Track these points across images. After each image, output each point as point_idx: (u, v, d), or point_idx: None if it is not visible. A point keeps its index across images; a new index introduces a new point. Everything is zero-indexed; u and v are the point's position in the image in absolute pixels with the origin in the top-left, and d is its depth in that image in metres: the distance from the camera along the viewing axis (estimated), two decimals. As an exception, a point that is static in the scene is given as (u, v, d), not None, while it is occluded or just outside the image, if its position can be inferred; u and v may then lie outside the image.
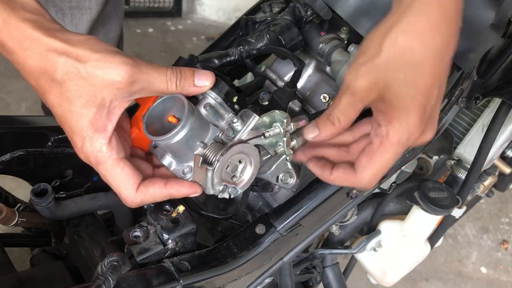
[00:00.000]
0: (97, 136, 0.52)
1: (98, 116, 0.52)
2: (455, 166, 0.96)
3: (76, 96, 0.51)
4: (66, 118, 0.52)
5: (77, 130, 0.52)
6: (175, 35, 2.74)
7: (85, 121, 0.51)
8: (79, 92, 0.50)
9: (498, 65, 0.80)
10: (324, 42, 0.75)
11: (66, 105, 0.51)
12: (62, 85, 0.51)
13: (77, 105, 0.51)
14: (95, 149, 0.53)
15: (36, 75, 0.51)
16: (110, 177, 0.55)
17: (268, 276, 0.68)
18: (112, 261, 0.53)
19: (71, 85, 0.50)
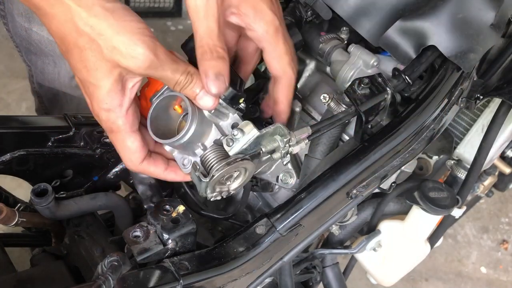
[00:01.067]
0: (114, 110, 0.54)
1: (114, 90, 0.53)
2: (455, 166, 0.96)
3: (93, 67, 0.52)
4: (84, 84, 0.54)
5: (94, 99, 0.54)
6: (175, 35, 2.74)
7: (102, 94, 0.53)
8: (96, 65, 0.51)
9: (498, 65, 0.80)
10: (324, 42, 0.75)
11: (85, 73, 0.53)
12: (83, 52, 0.51)
13: (94, 76, 0.52)
14: (110, 119, 0.55)
15: (61, 34, 0.52)
16: (120, 146, 0.58)
17: (268, 276, 0.68)
18: (112, 261, 0.53)
19: (90, 55, 0.51)
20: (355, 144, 0.68)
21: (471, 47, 0.68)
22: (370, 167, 0.65)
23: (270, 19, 0.59)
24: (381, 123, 0.68)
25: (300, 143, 0.61)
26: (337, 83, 0.75)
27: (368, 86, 0.65)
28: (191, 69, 0.55)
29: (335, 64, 0.75)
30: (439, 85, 0.68)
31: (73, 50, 0.52)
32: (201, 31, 0.54)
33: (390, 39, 0.69)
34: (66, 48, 0.53)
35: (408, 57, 0.69)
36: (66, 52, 0.53)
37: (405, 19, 0.68)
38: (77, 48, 0.52)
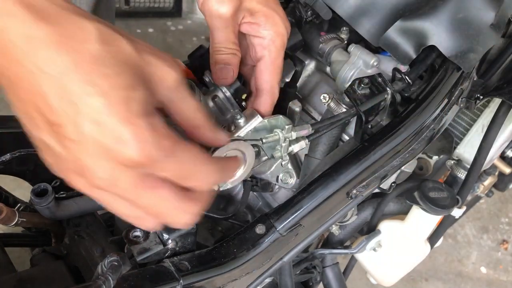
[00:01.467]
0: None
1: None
2: (455, 166, 0.96)
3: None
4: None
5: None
6: (175, 35, 2.74)
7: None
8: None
9: (498, 65, 0.80)
10: (324, 42, 0.75)
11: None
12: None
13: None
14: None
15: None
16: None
17: (268, 276, 0.68)
18: (112, 261, 0.53)
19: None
20: (355, 144, 0.68)
21: (471, 47, 0.68)
22: (370, 167, 0.65)
23: (281, 32, 0.59)
24: (381, 123, 0.68)
25: (300, 141, 0.61)
26: (337, 83, 0.75)
27: (368, 86, 0.65)
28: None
29: (335, 64, 0.75)
30: (439, 85, 0.68)
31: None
32: (218, 39, 0.58)
33: (390, 39, 0.69)
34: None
35: (408, 57, 0.69)
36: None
37: (405, 19, 0.68)
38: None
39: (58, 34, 0.35)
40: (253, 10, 0.58)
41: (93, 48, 0.36)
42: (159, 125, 0.38)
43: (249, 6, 0.58)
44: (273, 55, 0.59)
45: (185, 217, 0.43)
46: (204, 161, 0.42)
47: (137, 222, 0.43)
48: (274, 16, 0.59)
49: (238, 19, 0.59)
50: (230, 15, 0.57)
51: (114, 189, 0.38)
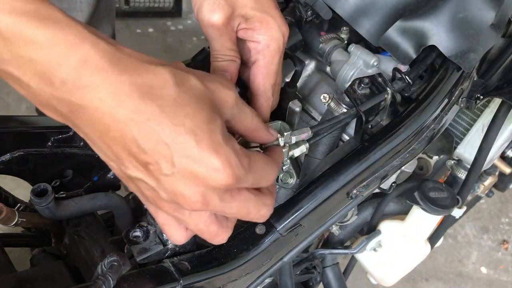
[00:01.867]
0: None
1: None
2: (455, 166, 0.96)
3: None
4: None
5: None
6: (175, 35, 2.74)
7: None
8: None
9: (498, 65, 0.80)
10: (324, 42, 0.75)
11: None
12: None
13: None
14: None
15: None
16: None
17: (268, 276, 0.68)
18: (112, 261, 0.53)
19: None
20: (355, 144, 0.68)
21: (471, 47, 0.68)
22: (370, 167, 0.65)
23: (276, 36, 0.58)
24: (381, 123, 0.68)
25: (300, 146, 0.61)
26: (337, 83, 0.75)
27: (368, 86, 0.65)
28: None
29: (335, 64, 0.75)
30: (439, 85, 0.68)
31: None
32: (214, 47, 0.58)
33: (390, 39, 0.69)
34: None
35: (408, 57, 0.69)
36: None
37: (405, 19, 0.68)
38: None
39: (140, 85, 0.40)
40: (247, 16, 0.58)
41: (172, 92, 0.41)
42: (236, 146, 0.44)
43: (243, 13, 0.58)
44: (266, 59, 0.58)
45: (266, 210, 0.50)
46: (268, 163, 0.49)
47: (217, 238, 0.50)
48: (268, 21, 0.58)
49: (233, 26, 0.58)
50: (223, 23, 0.57)
51: (206, 208, 0.44)
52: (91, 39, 0.39)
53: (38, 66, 0.38)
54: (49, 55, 0.37)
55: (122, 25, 2.61)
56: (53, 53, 0.37)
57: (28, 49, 0.37)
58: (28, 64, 0.38)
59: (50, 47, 0.37)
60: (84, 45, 0.38)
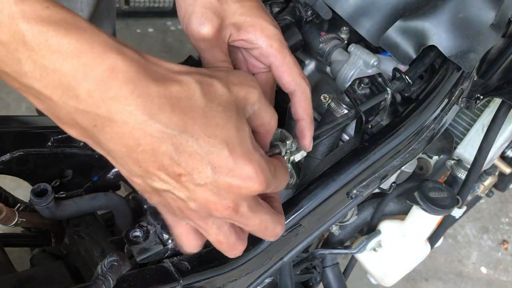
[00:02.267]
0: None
1: None
2: (455, 166, 0.96)
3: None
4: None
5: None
6: (175, 35, 2.74)
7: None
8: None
9: (498, 65, 0.80)
10: (324, 42, 0.75)
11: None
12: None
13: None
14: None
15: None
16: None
17: (268, 276, 0.68)
18: (112, 261, 0.53)
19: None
20: (355, 144, 0.68)
21: (471, 47, 0.68)
22: (370, 167, 0.65)
23: (272, 33, 0.57)
24: (381, 123, 0.68)
25: (300, 151, 0.61)
26: (337, 83, 0.75)
27: (368, 86, 0.65)
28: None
29: (335, 64, 0.75)
30: (439, 85, 0.68)
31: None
32: (206, 60, 0.57)
33: (390, 39, 0.69)
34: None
35: (408, 57, 0.69)
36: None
37: (405, 19, 0.68)
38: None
39: (168, 97, 0.39)
40: (237, 23, 0.57)
41: (200, 103, 0.41)
42: (262, 152, 0.45)
43: (233, 21, 0.57)
44: (279, 57, 0.57)
45: (280, 229, 0.51)
46: (284, 168, 0.50)
47: (234, 251, 0.51)
48: (260, 22, 0.57)
49: (224, 36, 0.57)
50: (213, 35, 0.56)
51: (235, 214, 0.44)
52: (117, 48, 0.38)
53: (62, 77, 0.37)
54: (74, 64, 0.36)
55: (122, 25, 2.61)
56: (79, 62, 0.36)
57: (53, 59, 0.36)
58: (52, 75, 0.37)
59: (76, 57, 0.36)
60: (111, 54, 0.38)
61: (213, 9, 0.55)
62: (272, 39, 0.57)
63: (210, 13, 0.55)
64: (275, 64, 0.57)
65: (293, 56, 0.58)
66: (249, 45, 0.58)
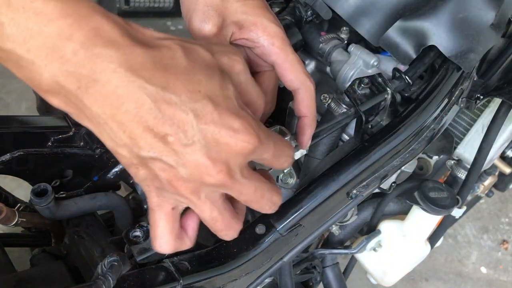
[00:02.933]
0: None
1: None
2: (455, 166, 0.96)
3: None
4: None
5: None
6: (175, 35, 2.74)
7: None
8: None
9: (498, 65, 0.80)
10: (324, 42, 0.75)
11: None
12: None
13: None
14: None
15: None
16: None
17: (268, 276, 0.68)
18: (112, 261, 0.53)
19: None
20: (355, 144, 0.68)
21: (471, 47, 0.68)
22: (370, 167, 0.65)
23: (274, 31, 0.56)
24: (381, 123, 0.68)
25: (300, 149, 0.61)
26: (337, 83, 0.75)
27: (368, 86, 0.65)
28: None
29: (335, 64, 0.75)
30: (439, 85, 0.68)
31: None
32: None
33: (390, 39, 0.69)
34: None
35: (408, 57, 0.69)
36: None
37: (405, 19, 0.68)
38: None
39: (151, 56, 0.40)
40: (239, 22, 0.56)
41: (182, 61, 0.41)
42: (250, 112, 0.44)
43: (234, 19, 0.56)
44: (281, 55, 0.57)
45: (277, 198, 0.49)
46: (284, 141, 0.48)
47: (229, 230, 0.49)
48: (261, 20, 0.56)
49: (226, 35, 0.57)
50: (214, 34, 0.56)
51: (229, 179, 0.42)
52: (102, 11, 0.39)
53: (46, 39, 0.37)
54: (60, 25, 0.37)
55: (122, 25, 2.61)
56: (64, 23, 0.37)
57: (37, 20, 0.36)
58: (36, 37, 0.36)
59: (62, 18, 0.37)
60: (96, 16, 0.38)
61: (215, 7, 0.55)
62: (274, 38, 0.56)
63: (212, 11, 0.55)
64: (277, 62, 0.57)
65: (296, 54, 0.58)
66: (251, 43, 0.57)
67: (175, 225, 0.49)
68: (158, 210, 0.47)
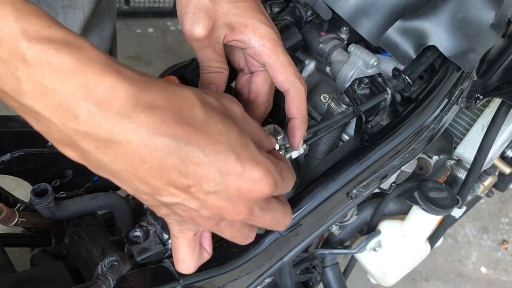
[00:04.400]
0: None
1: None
2: (455, 166, 0.96)
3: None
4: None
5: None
6: (175, 35, 2.74)
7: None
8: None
9: (498, 65, 0.80)
10: (324, 42, 0.75)
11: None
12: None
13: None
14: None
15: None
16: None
17: (268, 276, 0.68)
18: (112, 261, 0.53)
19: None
20: (355, 144, 0.68)
21: (471, 47, 0.68)
22: (370, 167, 0.65)
23: (265, 32, 0.57)
24: (381, 123, 0.68)
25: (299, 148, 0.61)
26: (337, 83, 0.75)
27: (368, 86, 0.65)
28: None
29: (335, 64, 0.75)
30: (439, 85, 0.68)
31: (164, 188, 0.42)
32: (200, 59, 0.59)
33: (390, 39, 0.69)
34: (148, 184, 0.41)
35: (408, 57, 0.69)
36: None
37: (405, 19, 0.68)
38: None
39: (171, 109, 0.39)
40: (230, 24, 0.56)
41: (201, 113, 0.41)
42: (267, 154, 0.45)
43: (226, 21, 0.56)
44: (272, 57, 0.57)
45: (289, 219, 0.51)
46: (289, 168, 0.49)
47: (248, 239, 0.51)
48: (253, 22, 0.56)
49: (218, 37, 0.57)
50: (205, 36, 0.56)
51: (249, 217, 0.45)
52: (117, 68, 0.38)
53: (61, 97, 0.36)
54: (74, 83, 0.36)
55: (122, 25, 2.61)
56: (79, 82, 0.36)
57: (53, 78, 0.35)
58: (51, 95, 0.36)
59: (76, 75, 0.36)
60: (111, 74, 0.37)
61: (206, 10, 0.56)
62: (265, 39, 0.56)
63: (202, 13, 0.56)
64: (268, 64, 0.57)
65: (287, 56, 0.58)
66: (243, 45, 0.58)
67: (196, 247, 0.51)
68: (180, 237, 0.49)
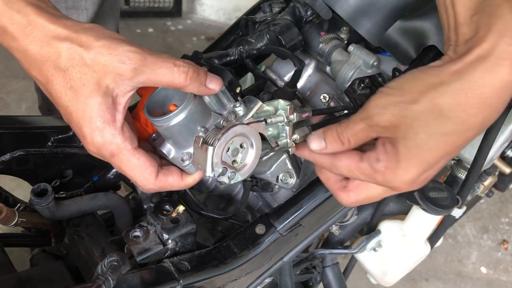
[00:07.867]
0: (108, 127, 0.51)
1: (104, 106, 0.50)
2: (455, 166, 0.96)
3: (80, 84, 0.49)
4: (71, 109, 0.50)
5: (85, 122, 0.50)
6: (175, 35, 2.74)
7: (92, 112, 0.50)
8: (82, 80, 0.49)
9: (498, 65, 0.80)
10: (324, 42, 0.75)
11: (71, 94, 0.50)
12: (65, 72, 0.49)
13: (81, 94, 0.49)
14: (107, 141, 0.51)
15: (38, 63, 0.50)
16: (127, 168, 0.54)
17: (268, 276, 0.68)
18: (112, 261, 0.53)
19: (74, 72, 0.49)
20: (355, 144, 0.68)
21: (471, 47, 0.68)
22: (370, 167, 0.65)
23: (386, 184, 0.53)
24: (381, 123, 0.68)
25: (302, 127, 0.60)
26: (337, 83, 0.75)
27: (368, 86, 0.65)
28: (187, 60, 0.54)
29: (335, 64, 0.75)
30: (439, 85, 0.68)
31: (54, 75, 0.50)
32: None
33: (390, 39, 0.69)
34: (46, 77, 0.50)
35: (408, 57, 0.69)
36: (47, 82, 0.51)
37: (405, 19, 0.68)
38: (58, 71, 0.49)
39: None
40: (399, 150, 0.51)
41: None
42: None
43: (402, 144, 0.51)
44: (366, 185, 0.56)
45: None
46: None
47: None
48: (404, 174, 0.51)
49: (383, 135, 0.53)
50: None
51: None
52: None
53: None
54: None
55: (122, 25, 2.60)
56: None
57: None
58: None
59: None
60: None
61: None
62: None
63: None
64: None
65: (369, 193, 0.57)
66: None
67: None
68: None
